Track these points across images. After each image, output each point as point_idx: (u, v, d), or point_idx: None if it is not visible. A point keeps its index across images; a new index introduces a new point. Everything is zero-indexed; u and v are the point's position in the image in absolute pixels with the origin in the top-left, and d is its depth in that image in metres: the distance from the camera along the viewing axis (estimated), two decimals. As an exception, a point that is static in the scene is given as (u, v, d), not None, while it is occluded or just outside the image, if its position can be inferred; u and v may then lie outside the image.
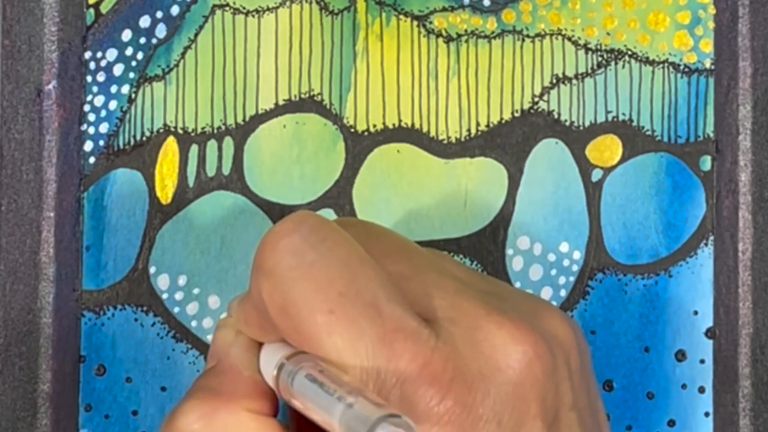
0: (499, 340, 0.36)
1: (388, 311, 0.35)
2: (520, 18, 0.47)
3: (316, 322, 0.35)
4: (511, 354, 0.36)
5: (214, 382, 0.38)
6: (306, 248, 0.36)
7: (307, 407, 0.35)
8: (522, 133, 0.47)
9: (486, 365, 0.35)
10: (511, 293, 0.40)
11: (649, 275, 0.47)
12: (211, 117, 0.46)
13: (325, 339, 0.35)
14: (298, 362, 0.36)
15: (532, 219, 0.47)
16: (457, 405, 0.35)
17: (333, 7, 0.46)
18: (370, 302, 0.35)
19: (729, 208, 0.47)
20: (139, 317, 0.46)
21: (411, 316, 0.36)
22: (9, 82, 0.46)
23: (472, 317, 0.36)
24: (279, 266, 0.36)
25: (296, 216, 0.37)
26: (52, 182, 0.46)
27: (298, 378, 0.35)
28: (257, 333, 0.39)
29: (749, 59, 0.47)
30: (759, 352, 0.47)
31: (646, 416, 0.47)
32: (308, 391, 0.34)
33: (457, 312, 0.37)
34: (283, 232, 0.36)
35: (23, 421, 0.46)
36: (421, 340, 0.35)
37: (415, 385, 0.35)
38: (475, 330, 0.36)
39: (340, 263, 0.36)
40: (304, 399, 0.35)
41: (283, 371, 0.36)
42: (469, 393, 0.35)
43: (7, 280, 0.46)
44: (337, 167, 0.46)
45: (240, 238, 0.46)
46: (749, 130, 0.47)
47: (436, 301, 0.37)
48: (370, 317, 0.35)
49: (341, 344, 0.35)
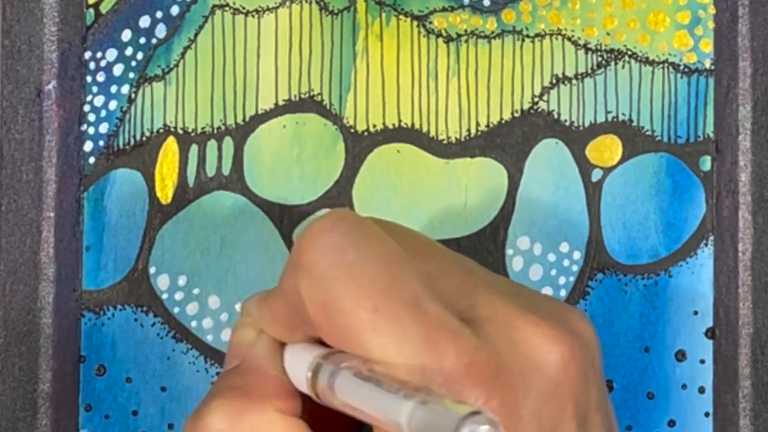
0: (537, 339, 0.36)
1: (430, 309, 0.35)
2: (520, 18, 0.47)
3: (361, 319, 0.35)
4: (549, 354, 0.36)
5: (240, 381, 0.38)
6: (347, 245, 0.36)
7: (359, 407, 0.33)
8: (522, 133, 0.47)
9: (525, 365, 0.35)
10: (534, 294, 0.39)
11: (649, 275, 0.47)
12: (211, 117, 0.46)
13: (369, 336, 0.35)
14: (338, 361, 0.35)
15: (532, 219, 0.47)
16: (503, 405, 0.34)
17: (333, 7, 0.47)
18: (413, 300, 0.35)
19: (729, 208, 0.47)
20: (139, 317, 0.46)
21: (452, 315, 0.35)
22: (9, 82, 0.46)
23: (507, 317, 0.36)
24: (320, 263, 0.35)
25: (335, 213, 0.37)
26: (52, 182, 0.46)
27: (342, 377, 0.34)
28: (283, 332, 0.38)
29: (749, 59, 0.47)
30: (759, 352, 0.47)
31: (646, 416, 0.47)
32: (360, 390, 0.33)
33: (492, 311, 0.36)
34: (322, 229, 0.36)
35: (23, 421, 0.46)
36: (463, 339, 0.35)
37: (461, 385, 0.34)
38: (513, 329, 0.36)
39: (381, 261, 0.36)
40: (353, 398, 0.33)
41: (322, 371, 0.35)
42: (513, 393, 0.34)
43: (7, 280, 0.46)
44: (337, 167, 0.46)
45: (240, 238, 0.46)
46: (749, 130, 0.47)
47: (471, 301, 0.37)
48: (414, 315, 0.35)
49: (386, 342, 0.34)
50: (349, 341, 0.35)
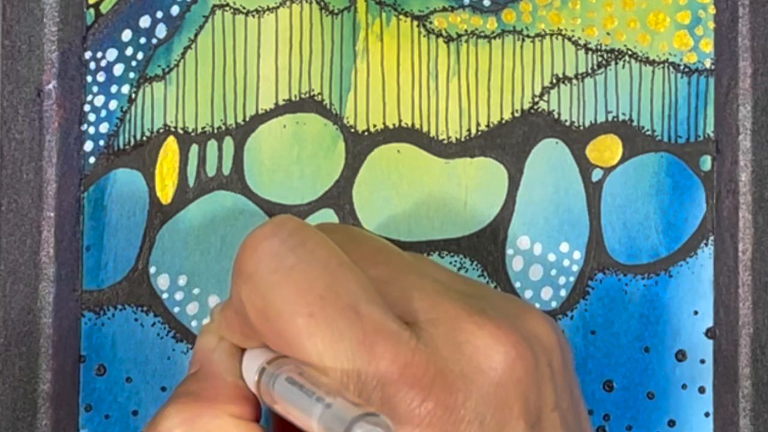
0: (481, 341, 0.36)
1: (367, 314, 0.35)
2: (520, 18, 0.47)
3: (297, 325, 0.35)
4: (492, 355, 0.36)
5: (196, 387, 0.39)
6: (285, 251, 0.36)
7: (287, 410, 0.35)
8: (522, 133, 0.47)
9: (468, 366, 0.35)
10: (491, 295, 0.40)
11: (649, 275, 0.47)
12: (211, 117, 0.46)
13: (305, 342, 0.35)
14: (279, 366, 0.36)
15: (532, 219, 0.47)
16: (439, 406, 0.35)
17: (333, 7, 0.46)
18: (350, 305, 0.35)
19: (729, 208, 0.47)
20: (139, 317, 0.46)
21: (391, 319, 0.36)
22: (9, 82, 0.46)
23: (452, 319, 0.36)
24: (258, 270, 0.36)
25: (275, 220, 0.37)
26: (52, 182, 0.46)
27: (278, 381, 0.35)
28: (239, 338, 0.39)
29: (749, 59, 0.47)
30: (759, 352, 0.47)
31: (646, 416, 0.47)
32: (288, 394, 0.34)
33: (437, 314, 0.37)
34: (262, 236, 0.37)
35: (23, 421, 0.46)
36: (401, 342, 0.35)
37: (395, 387, 0.35)
38: (456, 331, 0.36)
39: (319, 266, 0.36)
40: (284, 402, 0.35)
41: (264, 375, 0.36)
42: (451, 394, 0.35)
43: (7, 280, 0.46)
44: (337, 167, 0.46)
45: (240, 238, 0.46)
46: (749, 130, 0.47)
47: (416, 304, 0.37)
48: (350, 320, 0.35)
49: (321, 347, 0.35)
50: (287, 346, 0.36)
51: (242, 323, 0.38)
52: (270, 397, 0.36)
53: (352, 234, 0.41)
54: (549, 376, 0.37)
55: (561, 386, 0.37)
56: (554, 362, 0.37)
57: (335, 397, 0.33)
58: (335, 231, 0.39)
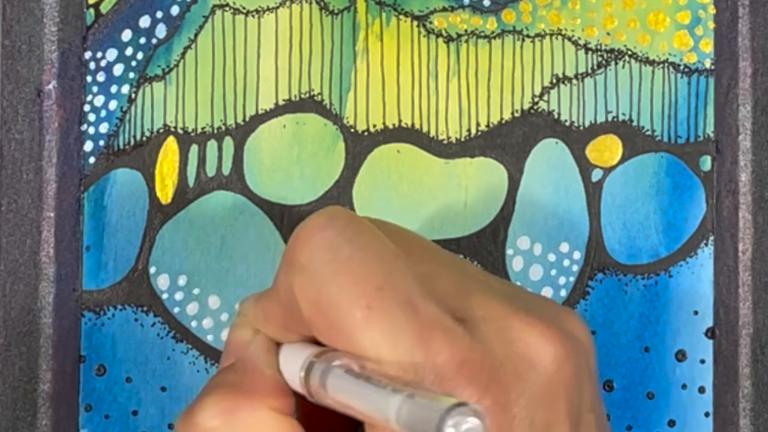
0: (532, 339, 0.36)
1: (424, 308, 0.35)
2: (520, 18, 0.47)
3: (354, 316, 0.35)
4: (543, 354, 0.36)
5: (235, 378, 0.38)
6: (341, 243, 0.36)
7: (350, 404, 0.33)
8: (522, 133, 0.47)
9: (520, 364, 0.35)
10: (529, 295, 0.39)
11: (649, 275, 0.47)
12: (211, 117, 0.46)
13: (363, 334, 0.34)
14: (330, 360, 0.35)
15: (532, 219, 0.47)
16: (495, 404, 0.34)
17: (333, 7, 0.47)
18: (407, 298, 0.35)
19: (729, 208, 0.47)
20: (139, 317, 0.46)
21: (446, 314, 0.35)
22: (9, 82, 0.46)
23: (502, 316, 0.36)
24: (314, 261, 0.35)
25: (328, 211, 0.37)
26: (52, 182, 0.46)
27: (333, 375, 0.34)
28: (278, 332, 0.38)
29: (749, 59, 0.47)
30: (759, 352, 0.47)
31: (646, 416, 0.47)
32: (351, 387, 0.33)
33: (486, 311, 0.36)
34: (316, 227, 0.36)
35: (23, 421, 0.46)
36: (457, 338, 0.35)
37: (453, 383, 0.34)
38: (507, 329, 0.36)
39: (376, 258, 0.35)
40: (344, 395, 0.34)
41: (314, 369, 0.35)
42: (506, 392, 0.34)
43: (7, 280, 0.46)
44: (337, 167, 0.46)
45: (240, 238, 0.46)
46: (749, 130, 0.47)
47: (465, 301, 0.37)
48: (408, 313, 0.35)
49: (380, 339, 0.34)
50: (342, 339, 0.35)
51: (285, 316, 0.37)
52: (322, 391, 0.35)
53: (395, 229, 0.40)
54: (587, 377, 0.37)
55: (595, 388, 0.37)
56: (590, 364, 0.37)
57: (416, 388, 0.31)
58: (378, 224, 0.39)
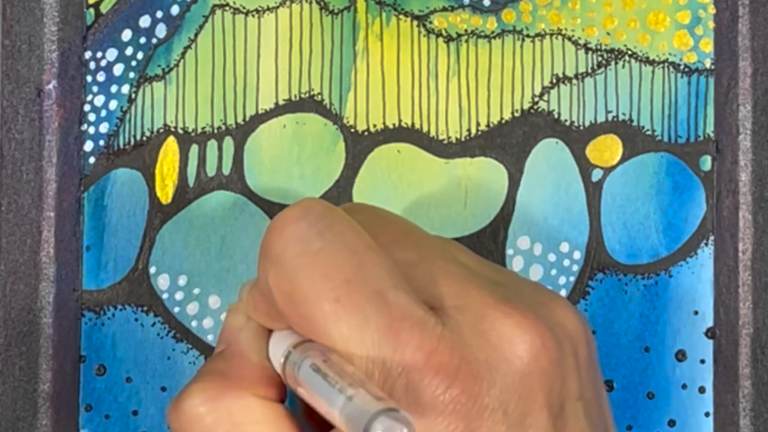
0: (507, 329, 0.36)
1: (394, 299, 0.35)
2: (520, 18, 0.47)
3: (323, 309, 0.35)
4: (518, 344, 0.36)
5: (223, 365, 0.38)
6: (313, 235, 0.36)
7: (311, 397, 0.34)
8: (522, 133, 0.47)
9: (493, 354, 0.35)
10: (519, 282, 0.39)
11: (649, 275, 0.47)
12: (211, 117, 0.46)
13: (331, 327, 0.35)
14: (305, 351, 0.35)
15: (532, 219, 0.47)
16: (463, 394, 0.34)
17: (333, 7, 0.46)
18: (377, 290, 0.35)
19: (729, 208, 0.47)
20: (139, 317, 0.46)
21: (417, 305, 0.35)
22: (9, 82, 0.46)
23: (479, 306, 0.36)
24: (285, 253, 0.36)
25: (302, 203, 0.37)
26: (52, 182, 0.46)
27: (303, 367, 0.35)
28: (265, 320, 0.39)
29: (749, 59, 0.47)
30: (759, 352, 0.47)
31: (646, 416, 0.47)
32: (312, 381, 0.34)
33: (464, 300, 0.36)
34: (289, 219, 0.36)
35: (23, 421, 0.46)
36: (427, 329, 0.35)
37: (420, 374, 0.34)
38: (482, 319, 0.36)
39: (347, 250, 0.36)
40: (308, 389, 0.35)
41: (290, 360, 0.36)
42: (476, 382, 0.35)
43: (7, 280, 0.46)
44: (337, 167, 0.46)
45: (240, 238, 0.46)
46: (749, 130, 0.47)
47: (443, 289, 0.37)
48: (377, 305, 0.35)
49: (347, 332, 0.35)
50: (313, 331, 0.35)
51: (268, 305, 0.37)
52: (295, 381, 0.35)
53: (379, 215, 0.40)
54: (574, 367, 0.37)
55: (585, 377, 0.37)
56: (580, 352, 0.37)
57: (357, 389, 0.32)
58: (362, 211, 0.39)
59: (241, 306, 0.40)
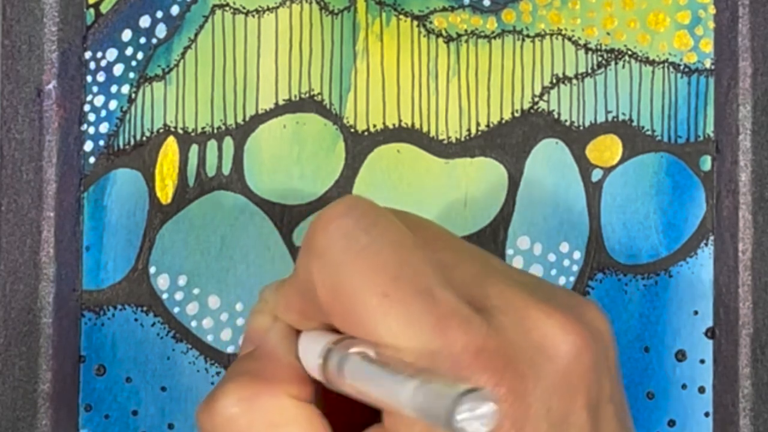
0: (549, 329, 0.36)
1: (441, 296, 0.35)
2: (520, 18, 0.47)
3: (371, 304, 0.35)
4: (560, 344, 0.36)
5: (254, 366, 0.38)
6: (358, 231, 0.36)
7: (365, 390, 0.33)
8: (522, 133, 0.47)
9: (537, 354, 0.35)
10: (549, 286, 0.39)
11: (649, 275, 0.47)
12: (211, 117, 0.46)
13: (379, 322, 0.35)
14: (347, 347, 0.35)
15: (532, 219, 0.47)
16: (510, 393, 0.34)
17: (333, 7, 0.47)
18: (424, 287, 0.35)
19: (729, 208, 0.47)
20: (139, 317, 0.46)
21: (463, 303, 0.35)
22: (9, 82, 0.46)
23: (520, 306, 0.36)
24: (331, 248, 0.36)
25: (347, 199, 0.37)
26: (52, 182, 0.46)
27: (350, 362, 0.34)
28: (297, 319, 0.38)
29: (749, 59, 0.47)
30: (759, 352, 0.47)
31: (646, 416, 0.47)
32: (367, 374, 0.33)
33: (504, 301, 0.36)
34: (334, 215, 0.36)
35: (23, 421, 0.46)
36: (474, 327, 0.35)
37: (469, 371, 0.34)
38: (525, 319, 0.36)
39: (393, 247, 0.36)
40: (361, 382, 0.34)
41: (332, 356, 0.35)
42: (521, 381, 0.35)
43: (7, 280, 0.46)
44: (337, 167, 0.46)
45: (240, 238, 0.46)
46: (749, 130, 0.47)
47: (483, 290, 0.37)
48: (425, 302, 0.35)
49: (395, 327, 0.34)
50: (358, 326, 0.35)
51: (305, 303, 0.37)
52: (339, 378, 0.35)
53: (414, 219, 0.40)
54: (606, 368, 0.37)
55: (615, 379, 0.37)
56: (610, 355, 0.37)
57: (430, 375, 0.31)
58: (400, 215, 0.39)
59: (266, 307, 0.40)
